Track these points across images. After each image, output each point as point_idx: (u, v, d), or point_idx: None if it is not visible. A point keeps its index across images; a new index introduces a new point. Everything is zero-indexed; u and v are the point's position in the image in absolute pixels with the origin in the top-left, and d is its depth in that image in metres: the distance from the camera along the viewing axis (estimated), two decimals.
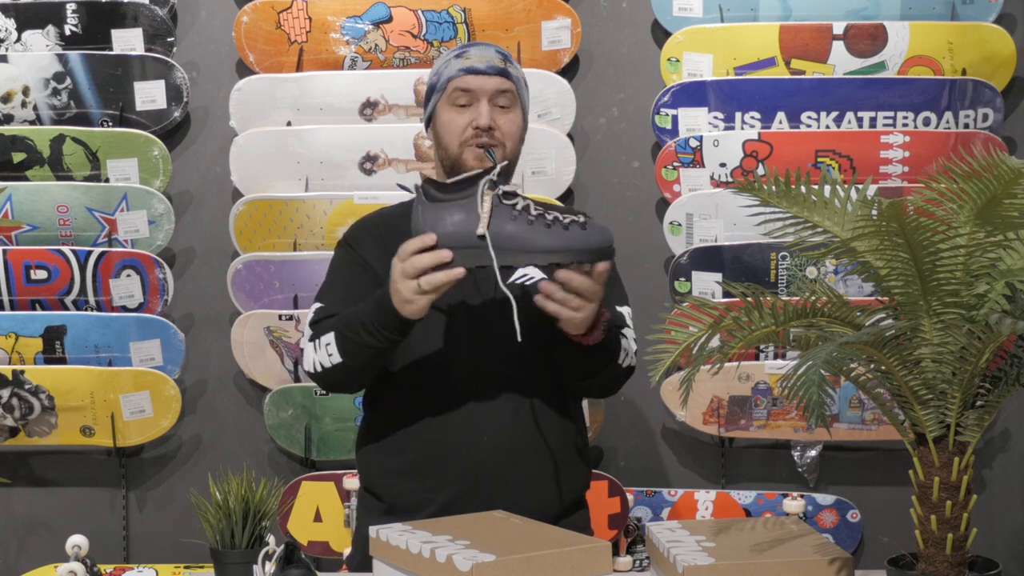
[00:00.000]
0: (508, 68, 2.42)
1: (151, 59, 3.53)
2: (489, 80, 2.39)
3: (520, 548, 1.93)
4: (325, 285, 2.46)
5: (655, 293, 3.52)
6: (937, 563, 1.87)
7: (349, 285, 2.40)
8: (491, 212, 2.04)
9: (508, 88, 2.41)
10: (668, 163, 3.50)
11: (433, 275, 2.10)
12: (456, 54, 2.44)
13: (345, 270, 2.44)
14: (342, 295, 2.38)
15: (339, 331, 2.29)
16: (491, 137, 2.38)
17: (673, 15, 3.53)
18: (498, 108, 2.40)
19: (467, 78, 2.39)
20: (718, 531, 2.10)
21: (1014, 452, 3.60)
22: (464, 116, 2.39)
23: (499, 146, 2.39)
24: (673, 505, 3.50)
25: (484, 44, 2.49)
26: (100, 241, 3.50)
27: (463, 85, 2.39)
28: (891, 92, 3.48)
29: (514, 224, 2.05)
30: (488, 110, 2.38)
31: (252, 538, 2.13)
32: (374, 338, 2.23)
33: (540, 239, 2.04)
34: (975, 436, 1.87)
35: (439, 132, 2.42)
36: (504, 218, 2.06)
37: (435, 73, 2.45)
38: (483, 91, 2.39)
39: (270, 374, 3.50)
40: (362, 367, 2.31)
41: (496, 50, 2.45)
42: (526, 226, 2.05)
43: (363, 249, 2.43)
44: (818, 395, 1.71)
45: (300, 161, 3.52)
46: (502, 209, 2.06)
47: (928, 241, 1.79)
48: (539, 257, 2.04)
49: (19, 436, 3.48)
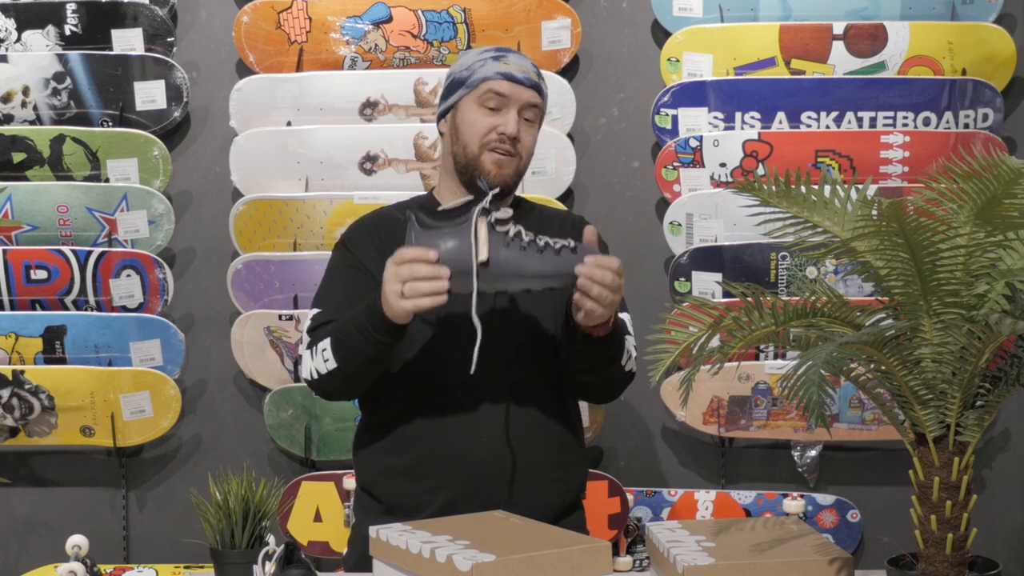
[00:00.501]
0: (541, 84, 2.45)
1: (151, 59, 3.53)
2: (524, 91, 2.40)
3: (520, 548, 1.94)
4: (322, 289, 2.46)
5: (655, 293, 3.52)
6: (937, 563, 1.87)
7: (346, 289, 2.39)
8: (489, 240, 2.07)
9: (538, 103, 2.44)
10: (668, 163, 3.50)
11: (416, 284, 2.10)
12: (494, 56, 2.43)
13: (342, 273, 2.44)
14: (339, 299, 2.38)
15: (334, 336, 2.29)
16: (513, 147, 2.39)
17: (673, 15, 3.53)
18: (524, 120, 2.41)
19: (504, 83, 2.39)
20: (718, 531, 2.10)
21: (1014, 452, 3.60)
22: (491, 119, 2.39)
23: (516, 157, 2.40)
24: (673, 505, 3.50)
25: (521, 55, 2.48)
26: (100, 241, 3.50)
27: (498, 89, 2.39)
28: (891, 92, 3.48)
29: (507, 251, 2.09)
30: (516, 119, 2.39)
31: (252, 538, 2.14)
32: (365, 339, 2.23)
33: (533, 264, 2.08)
34: (975, 436, 1.87)
35: (460, 128, 2.41)
36: (498, 245, 2.09)
37: (466, 68, 2.43)
38: (516, 100, 2.40)
39: (270, 374, 3.50)
40: (357, 374, 2.31)
41: (532, 64, 2.46)
42: (519, 252, 2.08)
43: (360, 252, 2.42)
44: (818, 395, 1.71)
45: (300, 161, 3.52)
46: (495, 236, 2.09)
47: (928, 241, 1.79)
48: (534, 282, 2.08)
49: (19, 436, 3.48)
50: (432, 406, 2.37)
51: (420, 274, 2.09)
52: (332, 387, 2.36)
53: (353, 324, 2.24)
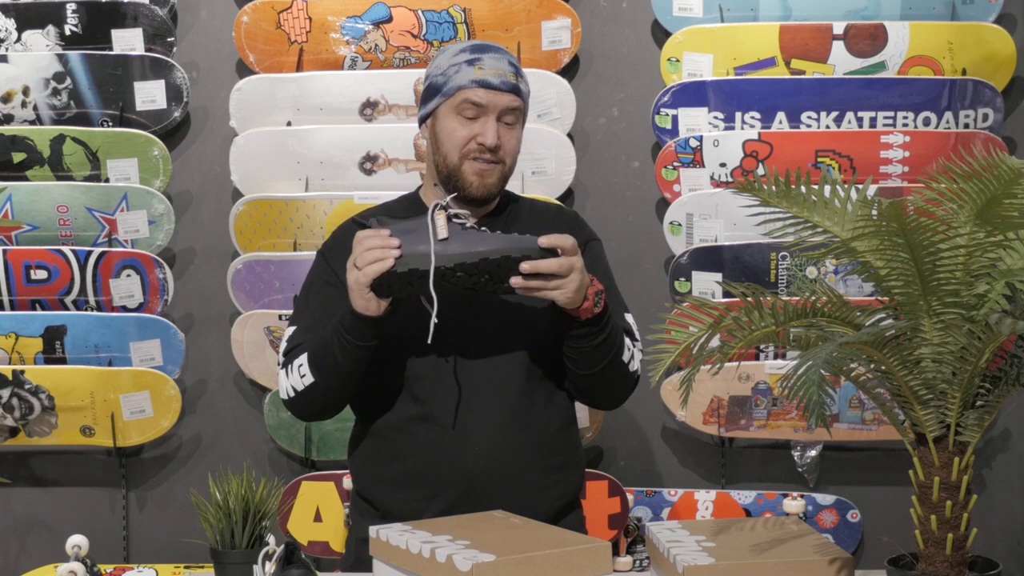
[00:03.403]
0: (519, 84, 2.36)
1: (151, 59, 3.53)
2: (502, 96, 2.32)
3: (520, 548, 1.94)
4: (299, 305, 2.45)
5: (655, 293, 3.52)
6: (937, 563, 1.88)
7: (322, 307, 2.38)
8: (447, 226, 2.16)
9: (517, 106, 2.35)
10: (668, 163, 3.50)
11: (366, 253, 2.14)
12: (468, 60, 2.34)
13: (319, 289, 2.42)
14: (314, 318, 2.37)
15: (311, 350, 2.30)
16: (495, 155, 2.33)
17: (673, 15, 3.53)
18: (504, 125, 2.34)
19: (479, 91, 2.32)
20: (718, 531, 2.10)
21: (1014, 452, 3.60)
22: (469, 129, 2.32)
23: (499, 164, 2.35)
24: (673, 505, 3.50)
25: (496, 52, 2.37)
26: (100, 241, 3.50)
27: (474, 98, 2.32)
28: (891, 92, 3.48)
29: (464, 233, 2.17)
30: (495, 128, 2.32)
31: (252, 538, 2.14)
32: (340, 343, 2.23)
33: (490, 242, 2.16)
34: (975, 436, 1.87)
35: (440, 138, 2.36)
36: (455, 229, 2.17)
37: (442, 73, 2.35)
38: (494, 107, 2.32)
39: (270, 374, 3.50)
40: (335, 385, 2.31)
41: (509, 61, 2.36)
42: (474, 234, 2.17)
43: (338, 265, 2.37)
44: (818, 395, 1.71)
45: (300, 161, 3.52)
46: (453, 225, 2.17)
47: (928, 241, 1.79)
48: (491, 253, 2.15)
49: (19, 436, 3.48)
50: (425, 413, 2.35)
51: (372, 246, 2.14)
52: (309, 405, 2.36)
53: (328, 332, 2.26)
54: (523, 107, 2.38)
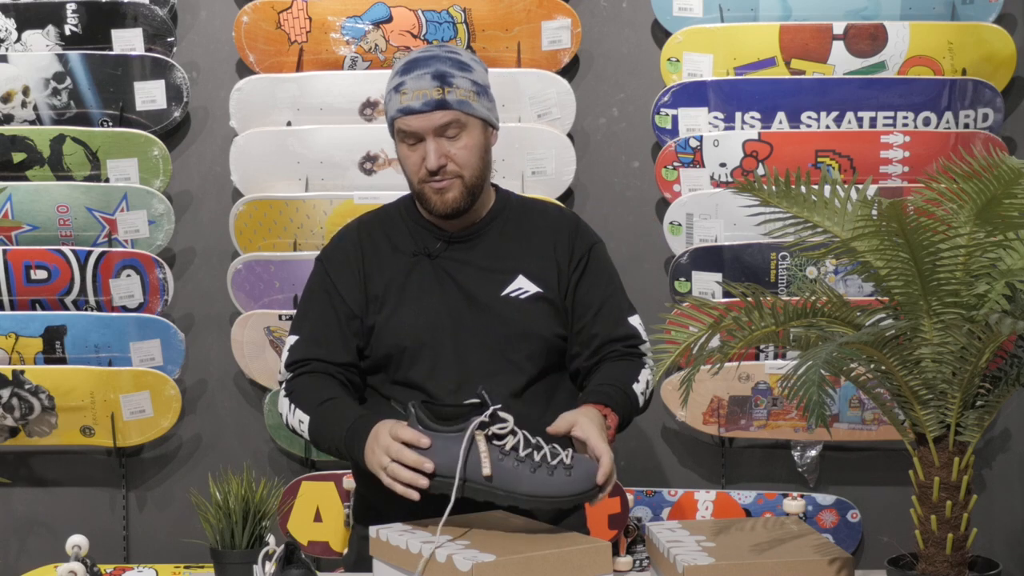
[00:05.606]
0: (447, 95, 2.27)
1: (151, 59, 3.53)
2: (429, 118, 2.27)
3: (520, 548, 1.94)
4: (300, 312, 2.45)
5: (655, 293, 3.52)
6: (937, 563, 1.88)
7: (322, 317, 2.38)
8: (488, 453, 2.04)
9: (451, 119, 2.27)
10: (668, 163, 3.50)
11: (398, 469, 2.07)
12: (395, 86, 2.30)
13: (319, 298, 2.42)
14: (314, 329, 2.38)
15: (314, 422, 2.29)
16: (444, 174, 2.30)
17: (673, 15, 3.53)
18: (446, 139, 2.29)
19: (407, 119, 2.28)
20: (718, 531, 2.10)
21: (1014, 452, 3.60)
22: (416, 153, 2.31)
23: (456, 177, 2.31)
24: (673, 505, 3.50)
25: (422, 66, 2.29)
26: (100, 241, 3.50)
27: (404, 128, 2.29)
28: (891, 92, 3.47)
29: (500, 465, 2.05)
30: (435, 149, 2.27)
31: (252, 538, 2.14)
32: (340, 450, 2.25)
33: (524, 484, 2.04)
34: (975, 436, 1.88)
35: (400, 164, 2.37)
36: (493, 457, 2.05)
37: (384, 99, 2.37)
38: (426, 130, 2.27)
39: (270, 374, 3.50)
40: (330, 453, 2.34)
41: (432, 75, 2.27)
42: (512, 467, 2.04)
43: (337, 277, 2.39)
44: (818, 395, 1.71)
45: (300, 161, 3.52)
46: (490, 448, 2.05)
47: (928, 241, 1.80)
48: (521, 500, 2.04)
49: (19, 436, 3.48)
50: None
51: (405, 460, 2.07)
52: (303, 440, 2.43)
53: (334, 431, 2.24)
54: (461, 116, 2.29)
